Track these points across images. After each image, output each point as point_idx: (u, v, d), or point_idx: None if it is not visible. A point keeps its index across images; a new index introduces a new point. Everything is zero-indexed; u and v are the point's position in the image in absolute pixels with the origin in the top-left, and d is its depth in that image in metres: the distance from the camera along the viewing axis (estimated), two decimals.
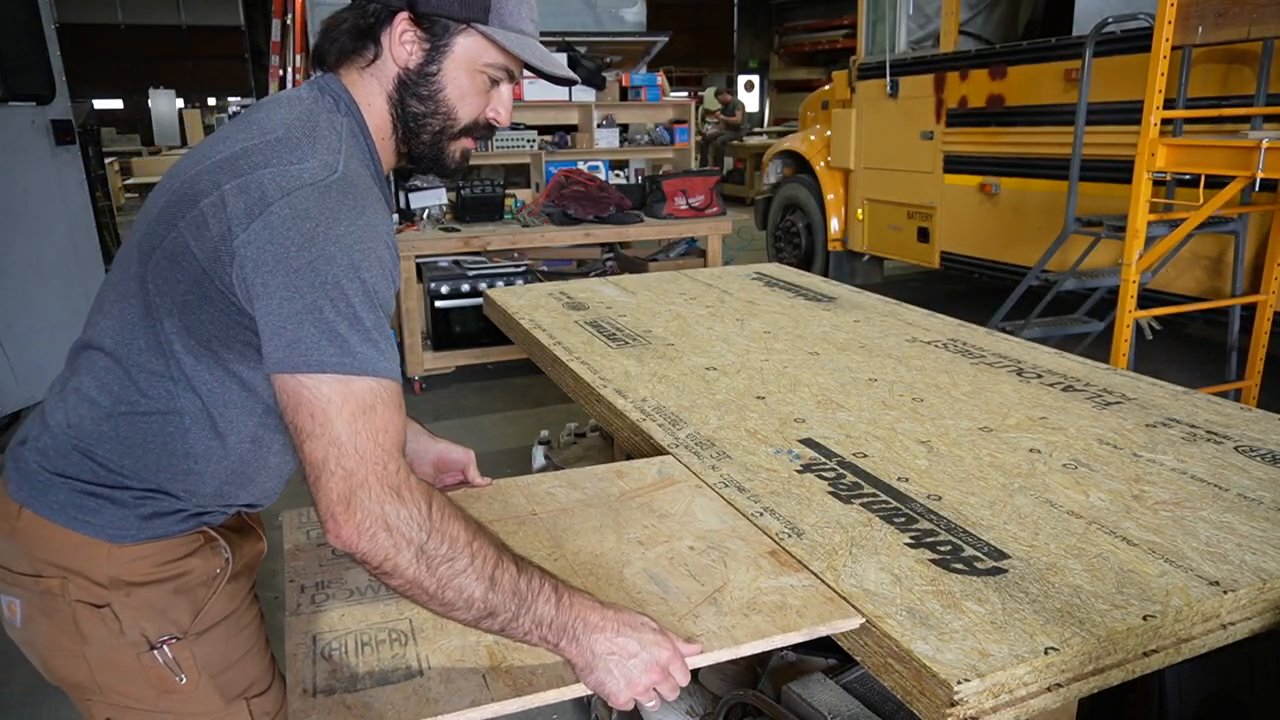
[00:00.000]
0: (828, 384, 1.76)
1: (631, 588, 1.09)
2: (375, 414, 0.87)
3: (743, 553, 1.16)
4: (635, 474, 1.42)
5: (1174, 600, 0.98)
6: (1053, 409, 1.59)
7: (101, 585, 0.99)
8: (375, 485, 0.85)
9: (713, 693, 1.70)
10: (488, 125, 1.06)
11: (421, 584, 0.86)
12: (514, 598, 0.88)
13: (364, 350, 0.87)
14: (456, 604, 0.87)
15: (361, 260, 0.88)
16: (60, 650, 1.02)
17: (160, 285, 0.95)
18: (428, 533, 0.86)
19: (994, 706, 0.86)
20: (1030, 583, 1.02)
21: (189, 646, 1.03)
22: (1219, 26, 2.97)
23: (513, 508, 1.30)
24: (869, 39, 5.84)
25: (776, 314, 2.36)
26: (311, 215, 0.87)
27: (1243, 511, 1.19)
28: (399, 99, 1.01)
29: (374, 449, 0.86)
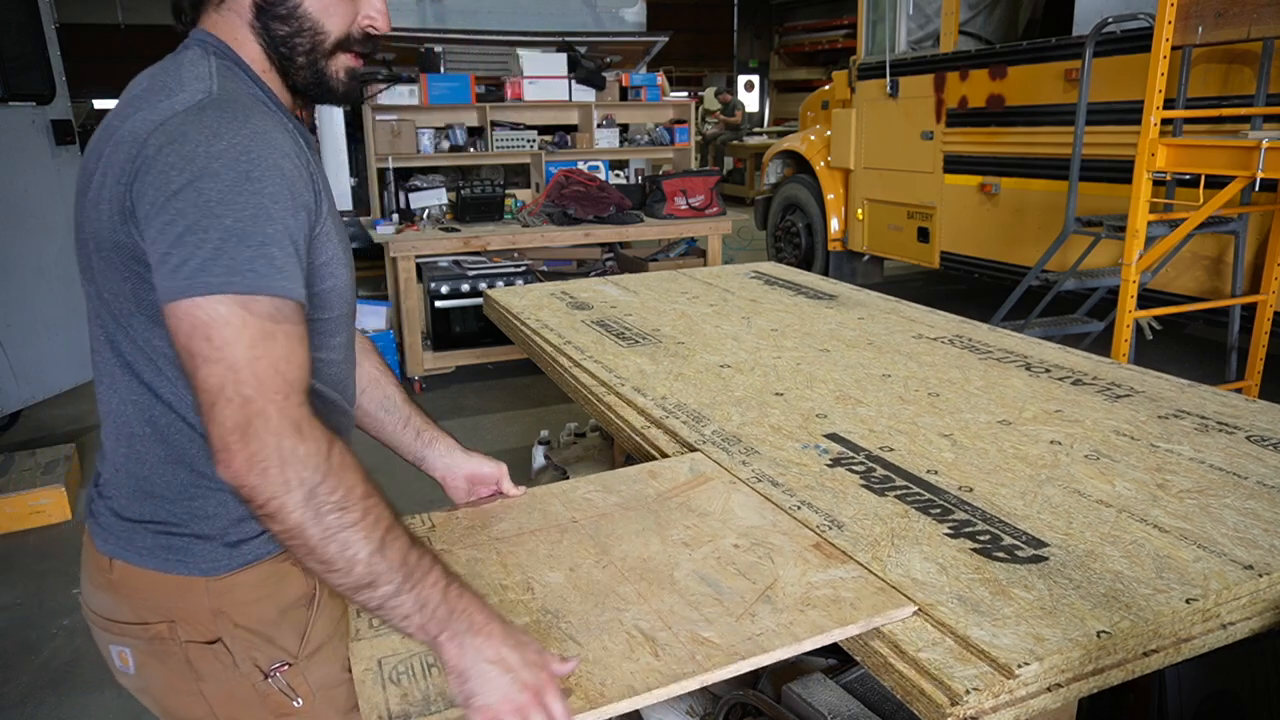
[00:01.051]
0: (843, 380, 1.77)
1: (685, 590, 1.08)
2: (277, 340, 0.81)
3: (788, 548, 1.16)
4: (668, 473, 1.41)
5: (1213, 584, 1.00)
6: (1065, 402, 1.61)
7: (208, 622, 0.98)
8: (274, 416, 0.79)
9: (713, 693, 1.70)
10: (366, 35, 0.99)
11: (305, 531, 0.80)
12: (401, 570, 0.82)
13: (259, 267, 0.80)
14: (337, 562, 0.81)
15: (251, 170, 0.82)
16: (177, 692, 1.01)
17: (110, 290, 0.90)
18: (323, 475, 0.80)
19: (994, 706, 0.86)
20: (1072, 569, 1.04)
21: (300, 671, 1.02)
22: (1219, 26, 2.97)
23: (552, 516, 1.29)
24: (869, 39, 5.84)
25: (781, 312, 2.36)
26: (188, 136, 0.82)
27: (1264, 499, 1.22)
28: (262, 26, 0.95)
29: (275, 377, 0.80)
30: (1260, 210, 3.46)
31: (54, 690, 2.31)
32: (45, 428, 4.24)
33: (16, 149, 3.82)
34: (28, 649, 2.49)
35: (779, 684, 1.40)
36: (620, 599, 1.07)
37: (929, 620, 0.96)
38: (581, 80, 5.60)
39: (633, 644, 0.98)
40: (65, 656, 2.46)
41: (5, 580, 2.88)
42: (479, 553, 1.19)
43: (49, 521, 3.24)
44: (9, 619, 2.65)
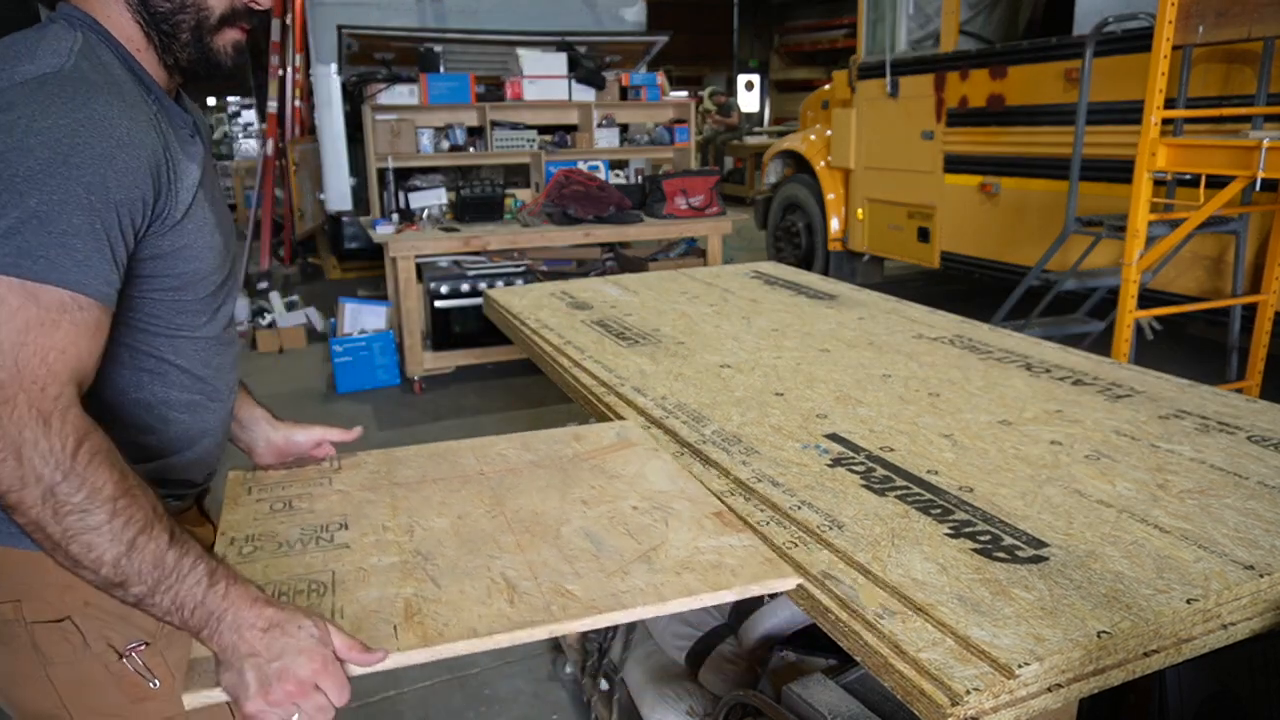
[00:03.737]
0: (844, 380, 1.77)
1: (565, 545, 1.09)
2: (58, 330, 0.78)
3: (686, 513, 1.17)
4: (593, 436, 1.42)
5: (1213, 584, 1.00)
6: (1066, 402, 1.61)
7: (56, 598, 0.94)
8: (23, 405, 0.76)
9: (713, 693, 1.70)
10: (247, 8, 0.96)
11: (44, 529, 0.77)
12: (154, 570, 0.80)
13: (54, 255, 0.77)
14: (83, 561, 0.78)
15: (71, 155, 0.79)
16: (23, 679, 0.97)
17: None
18: (64, 474, 0.77)
19: (994, 707, 0.86)
20: (1073, 570, 1.04)
21: (159, 651, 0.99)
22: (1219, 26, 2.97)
23: (460, 468, 1.31)
24: (869, 39, 5.84)
25: (781, 312, 2.36)
26: (15, 107, 0.79)
27: (1265, 499, 1.21)
28: (139, 3, 0.91)
29: (38, 366, 0.77)
30: (1261, 210, 3.46)
31: None
32: None
33: None
34: None
35: (779, 684, 1.40)
36: (497, 547, 1.09)
37: (929, 620, 0.96)
38: (581, 80, 5.60)
39: (492, 590, 1.00)
40: None
41: None
42: (374, 495, 1.21)
43: None
44: None
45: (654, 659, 1.87)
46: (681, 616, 1.85)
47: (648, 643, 1.91)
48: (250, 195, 8.39)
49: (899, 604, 0.99)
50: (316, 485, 1.25)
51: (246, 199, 9.44)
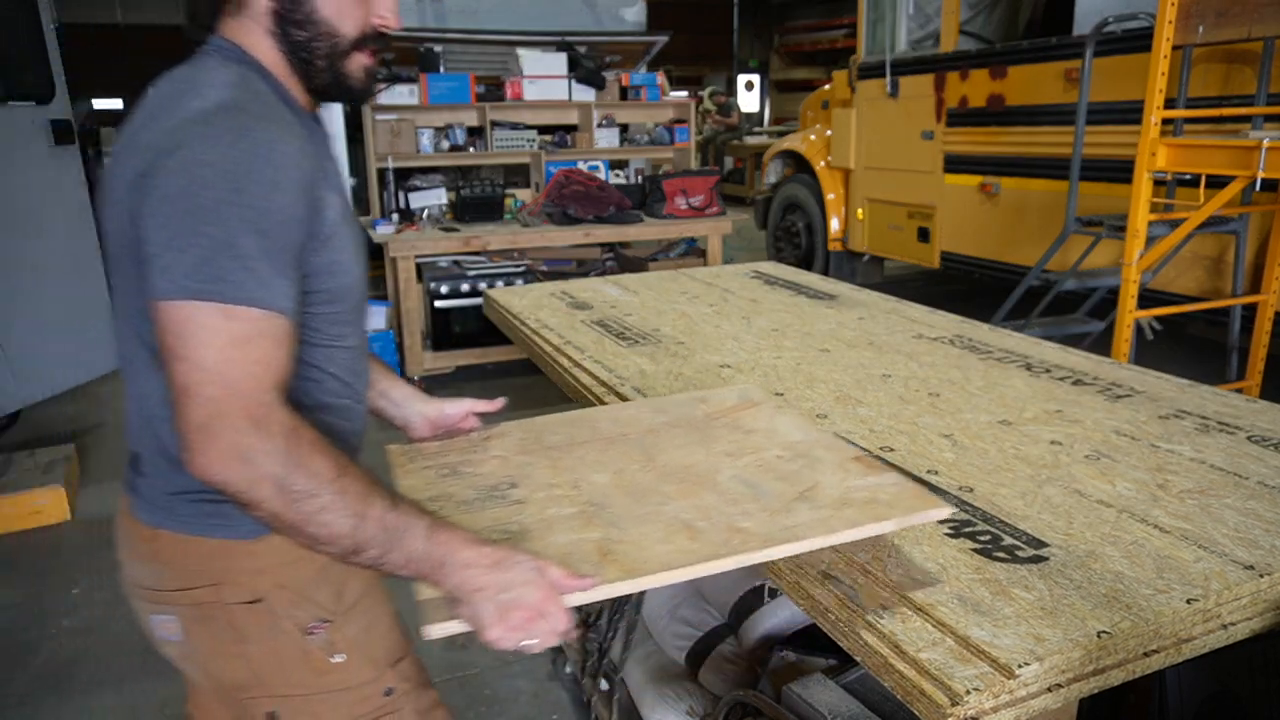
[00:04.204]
0: (843, 380, 1.77)
1: (725, 491, 1.13)
2: (252, 345, 0.85)
3: (829, 459, 1.21)
4: (716, 399, 1.47)
5: (1213, 584, 1.00)
6: (1066, 402, 1.61)
7: (250, 582, 1.02)
8: (238, 416, 0.83)
9: (713, 693, 1.70)
10: (378, 34, 1.03)
11: (283, 518, 0.85)
12: (383, 534, 0.88)
13: (241, 278, 0.84)
14: (321, 539, 0.86)
15: (242, 183, 0.85)
16: (220, 655, 1.05)
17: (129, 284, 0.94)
18: (288, 468, 0.84)
19: (994, 707, 0.86)
20: (1073, 570, 1.04)
21: (339, 627, 1.07)
22: (1219, 26, 2.97)
23: (601, 431, 1.36)
24: (869, 39, 5.84)
25: (781, 312, 2.36)
26: (187, 144, 0.85)
27: (1265, 499, 1.21)
28: (281, 32, 0.98)
29: (245, 380, 0.84)
30: (1261, 210, 3.46)
31: (54, 691, 2.31)
32: (45, 428, 4.23)
33: (15, 149, 3.82)
34: (27, 649, 2.49)
35: (779, 684, 1.40)
36: (662, 496, 1.13)
37: (929, 620, 0.96)
38: (581, 80, 5.60)
39: (670, 531, 1.04)
40: (65, 656, 2.45)
41: (5, 580, 2.88)
42: (530, 458, 1.26)
43: (48, 521, 3.24)
44: (9, 619, 2.65)
45: (654, 659, 1.87)
46: (682, 616, 1.85)
47: (648, 643, 1.91)
48: None
49: (899, 604, 1.00)
50: (473, 453, 1.29)
51: None
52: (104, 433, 4.19)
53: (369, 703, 1.10)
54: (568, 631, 0.91)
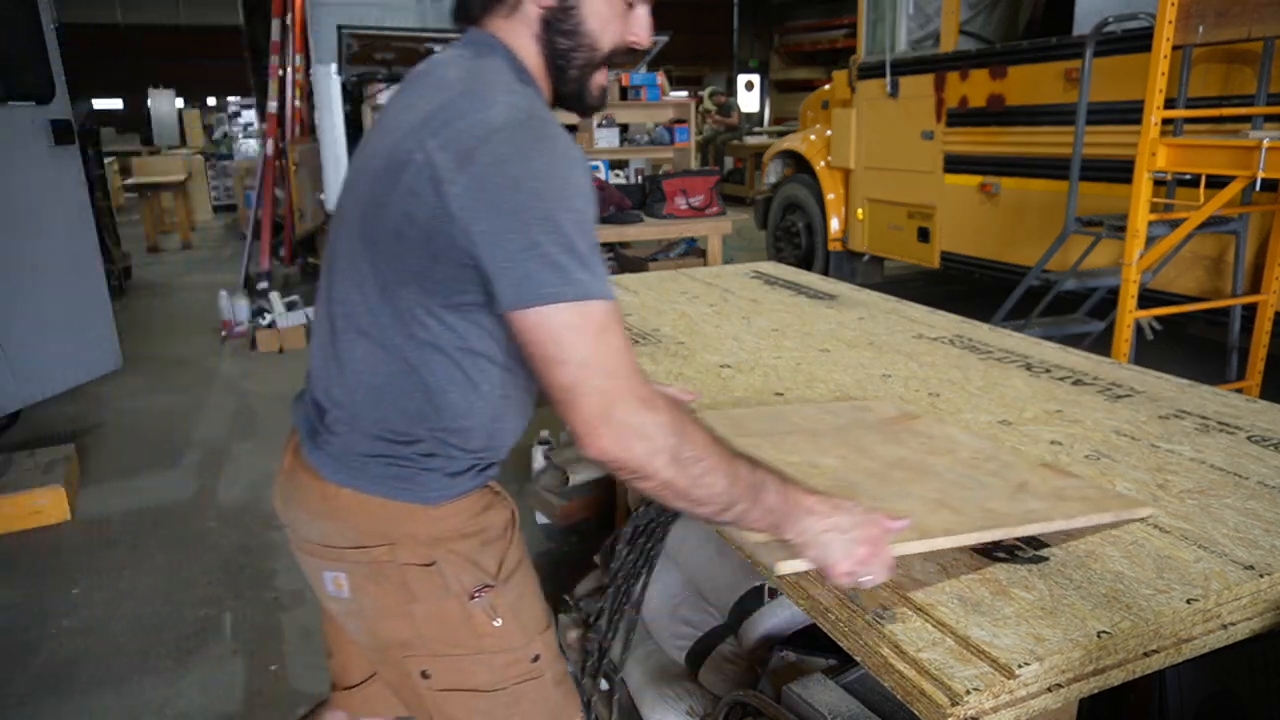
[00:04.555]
0: (844, 380, 1.77)
1: (950, 480, 1.19)
2: (610, 334, 0.92)
3: (1018, 463, 1.28)
4: (878, 408, 1.54)
5: (1213, 584, 1.00)
6: (1066, 402, 1.61)
7: (426, 545, 1.08)
8: (628, 398, 0.90)
9: (713, 693, 1.70)
10: (628, 50, 1.09)
11: (675, 484, 0.92)
12: (749, 490, 0.94)
13: (584, 276, 0.91)
14: (704, 500, 0.93)
15: (564, 191, 0.92)
16: (388, 613, 1.11)
17: (390, 261, 0.99)
18: (678, 438, 0.91)
19: (994, 707, 0.86)
20: (1073, 570, 1.04)
21: (500, 593, 1.13)
22: (1219, 26, 2.97)
23: (795, 425, 1.41)
24: (869, 39, 5.84)
25: (781, 312, 2.36)
26: (511, 159, 0.91)
27: (1265, 499, 1.21)
28: (547, 38, 1.04)
29: (619, 365, 0.91)
30: (1261, 210, 3.46)
31: (54, 691, 2.31)
32: (45, 428, 4.23)
33: (15, 149, 3.82)
34: (27, 649, 2.49)
35: (779, 684, 1.40)
36: (898, 481, 1.19)
37: (929, 620, 0.96)
38: None
39: (929, 506, 1.10)
40: (64, 657, 2.45)
41: (5, 580, 2.88)
42: (750, 441, 1.27)
43: (48, 522, 3.24)
44: (9, 619, 2.65)
45: (654, 659, 1.86)
46: (682, 616, 1.85)
47: (648, 643, 1.91)
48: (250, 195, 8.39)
49: (899, 604, 1.00)
50: None
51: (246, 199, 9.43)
52: (104, 433, 4.20)
53: (517, 666, 1.16)
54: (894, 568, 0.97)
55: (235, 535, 3.14)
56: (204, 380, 5.02)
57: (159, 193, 10.31)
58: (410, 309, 1.01)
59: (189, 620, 2.62)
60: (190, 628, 2.58)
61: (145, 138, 17.81)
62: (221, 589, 2.79)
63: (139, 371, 5.12)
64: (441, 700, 1.15)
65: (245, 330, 5.81)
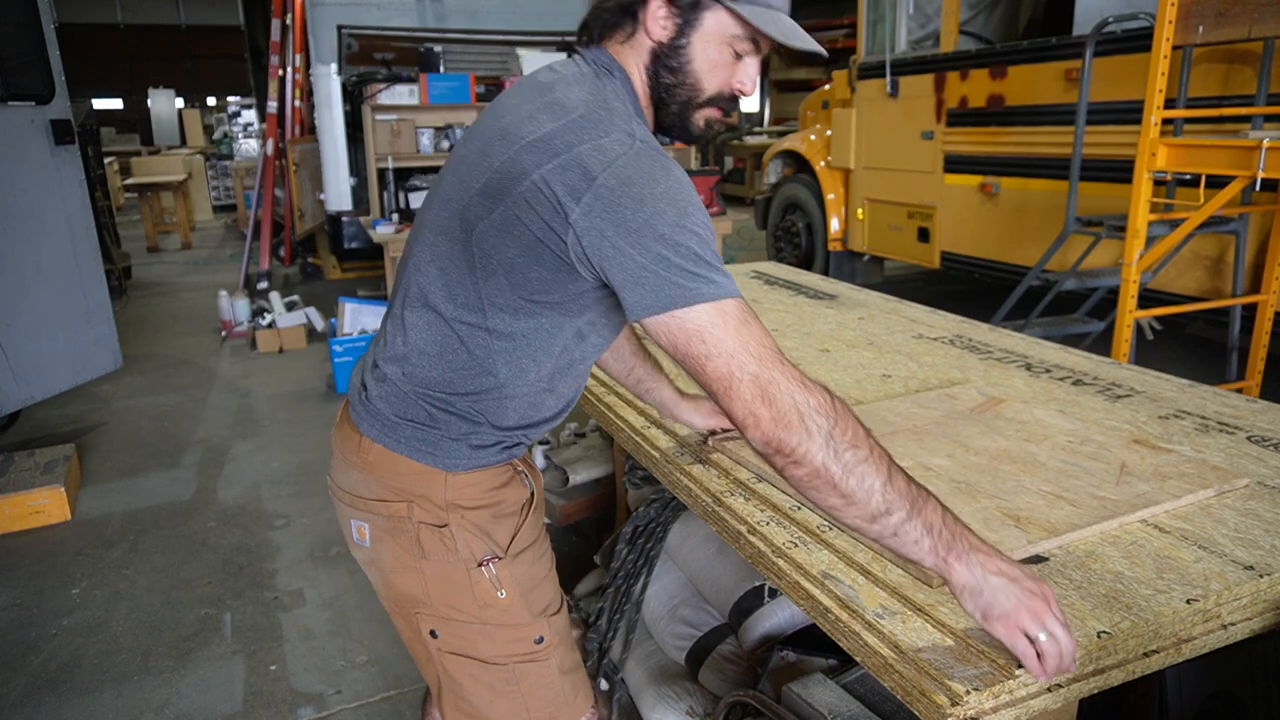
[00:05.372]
0: (843, 380, 1.77)
1: (1055, 469, 1.24)
2: (749, 325, 0.95)
3: (1113, 443, 1.33)
4: (964, 395, 1.58)
5: (1213, 584, 1.00)
6: (1066, 403, 1.61)
7: (441, 508, 1.15)
8: (782, 379, 0.93)
9: (713, 693, 1.70)
10: (733, 96, 1.12)
11: (828, 470, 0.91)
12: (907, 498, 0.91)
13: (714, 278, 0.95)
14: (857, 494, 0.91)
15: (684, 207, 0.97)
16: (402, 567, 1.18)
17: (488, 250, 1.05)
18: (833, 420, 0.92)
19: (994, 707, 0.86)
20: (1073, 570, 1.04)
21: (508, 566, 1.18)
22: (1220, 26, 2.97)
23: (893, 424, 1.44)
24: (869, 39, 5.84)
25: (781, 312, 2.36)
26: (634, 181, 0.96)
27: (1265, 499, 1.21)
28: (653, 70, 1.09)
29: (765, 351, 0.94)
30: (1261, 210, 3.46)
31: (53, 691, 2.31)
32: (45, 428, 4.24)
33: (15, 149, 3.82)
34: (27, 649, 2.49)
35: (779, 684, 1.40)
36: (1010, 475, 1.23)
37: (929, 620, 0.96)
38: None
39: (1048, 500, 1.15)
40: (64, 657, 2.45)
41: (5, 580, 2.88)
42: None
43: (48, 522, 3.24)
44: (9, 619, 2.65)
45: (654, 659, 1.86)
46: (682, 616, 1.85)
47: (648, 643, 1.91)
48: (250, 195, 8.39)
49: (899, 604, 1.00)
50: None
51: (246, 199, 9.44)
52: (104, 433, 4.20)
53: (520, 645, 1.19)
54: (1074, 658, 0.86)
55: (235, 535, 3.14)
56: (204, 380, 5.02)
57: (159, 193, 10.31)
58: (491, 295, 1.07)
59: (189, 620, 2.62)
60: (190, 628, 2.58)
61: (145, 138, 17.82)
62: (221, 589, 2.79)
63: (139, 371, 5.12)
64: (447, 661, 1.20)
65: (245, 330, 5.81)
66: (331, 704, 2.23)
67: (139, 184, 10.09)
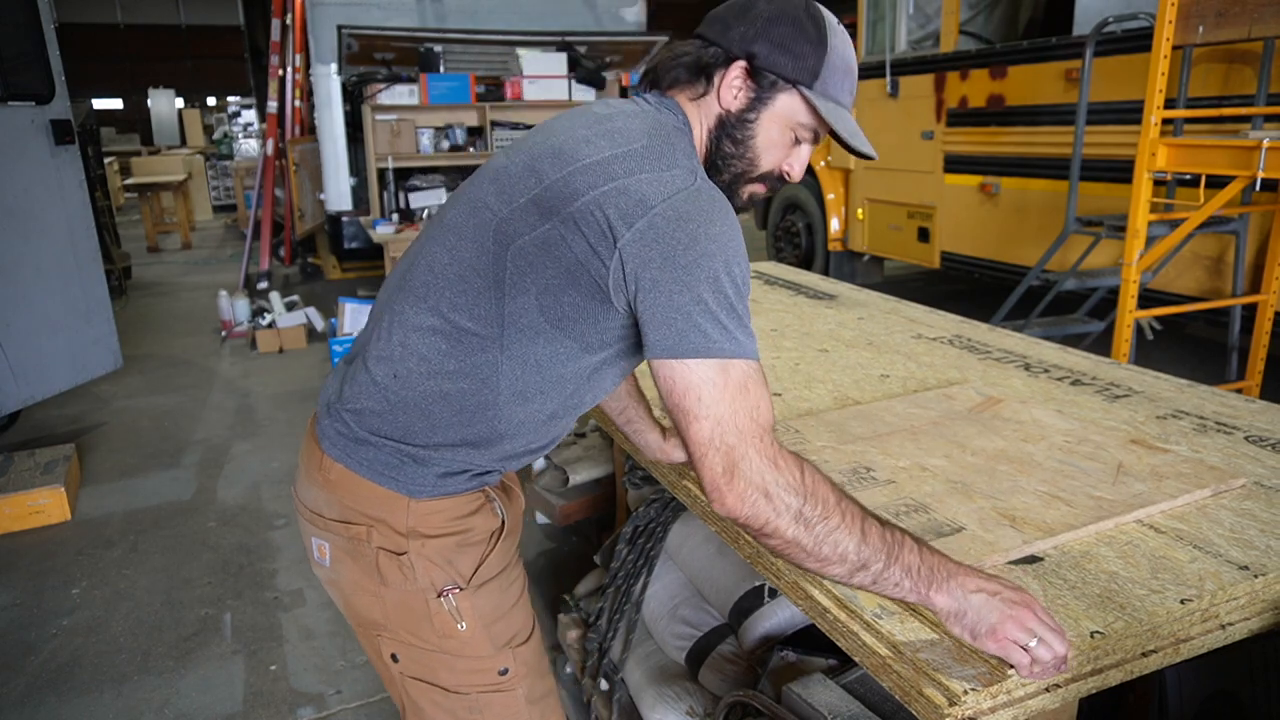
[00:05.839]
0: (842, 380, 1.77)
1: (1052, 469, 1.25)
2: (749, 393, 0.93)
3: (1110, 442, 1.33)
4: (961, 396, 1.59)
5: (1208, 584, 1.00)
6: (1064, 403, 1.61)
7: (401, 535, 1.09)
8: (754, 457, 0.91)
9: (713, 693, 1.70)
10: (780, 177, 1.12)
11: (800, 543, 0.92)
12: (883, 549, 0.92)
13: (739, 335, 0.94)
14: (832, 559, 0.92)
15: (732, 255, 0.96)
16: (361, 590, 1.14)
17: (522, 267, 1.00)
18: (803, 497, 0.91)
19: (993, 707, 0.86)
20: (1067, 570, 1.04)
21: (469, 597, 1.13)
22: (1220, 26, 2.97)
23: (890, 424, 1.45)
24: (869, 39, 5.84)
25: (780, 312, 2.36)
26: (691, 218, 0.95)
27: (1261, 499, 1.21)
28: (716, 135, 1.08)
29: (751, 425, 0.92)
30: (1261, 210, 3.46)
31: (53, 691, 2.31)
32: (45, 428, 4.24)
33: (15, 149, 3.82)
34: (27, 649, 2.49)
35: (779, 684, 1.40)
36: (1006, 475, 1.24)
37: (927, 621, 0.96)
38: (581, 80, 5.60)
39: (1044, 500, 1.15)
40: (64, 657, 2.46)
41: (5, 580, 2.88)
42: (857, 447, 1.35)
43: (48, 522, 3.25)
44: (8, 619, 2.65)
45: (654, 659, 1.86)
46: (682, 616, 1.85)
47: (648, 643, 1.91)
48: (250, 195, 8.39)
49: (897, 604, 0.99)
50: (796, 446, 1.36)
51: (246, 199, 9.44)
52: (104, 433, 4.20)
53: (482, 676, 1.16)
54: (1065, 635, 0.88)
55: (235, 535, 3.14)
56: (204, 380, 5.02)
57: (159, 193, 10.32)
58: (515, 314, 1.02)
59: (189, 620, 2.62)
60: (190, 628, 2.58)
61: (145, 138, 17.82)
62: (221, 589, 2.79)
63: (139, 371, 5.12)
64: (409, 686, 1.17)
65: (245, 330, 5.81)
66: (331, 704, 2.23)
67: (139, 184, 10.09)
